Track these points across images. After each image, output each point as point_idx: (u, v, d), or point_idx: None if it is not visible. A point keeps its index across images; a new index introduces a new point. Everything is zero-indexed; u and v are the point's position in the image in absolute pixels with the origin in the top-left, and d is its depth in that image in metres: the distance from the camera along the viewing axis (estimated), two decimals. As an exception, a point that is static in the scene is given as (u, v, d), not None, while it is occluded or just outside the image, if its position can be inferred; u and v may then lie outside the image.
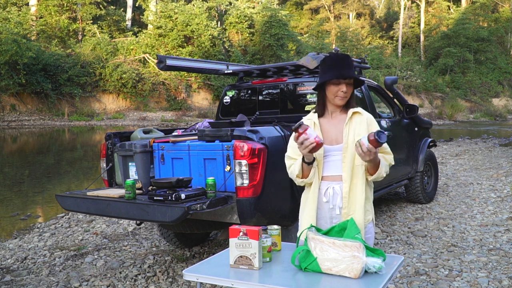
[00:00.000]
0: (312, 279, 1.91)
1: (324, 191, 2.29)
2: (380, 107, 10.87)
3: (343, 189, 2.25)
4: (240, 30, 31.57)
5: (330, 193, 2.28)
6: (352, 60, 2.32)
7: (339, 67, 2.24)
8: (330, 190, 2.28)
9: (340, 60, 2.26)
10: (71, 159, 13.50)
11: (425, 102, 35.53)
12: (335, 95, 2.27)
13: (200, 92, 28.24)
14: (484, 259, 4.05)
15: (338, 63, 2.25)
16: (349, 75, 2.24)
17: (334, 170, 2.28)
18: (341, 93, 2.25)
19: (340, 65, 2.24)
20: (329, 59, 2.30)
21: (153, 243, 4.86)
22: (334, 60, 2.27)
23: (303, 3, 50.91)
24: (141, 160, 3.73)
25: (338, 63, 2.25)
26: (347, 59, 2.28)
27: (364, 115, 2.31)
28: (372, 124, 2.30)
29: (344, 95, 2.26)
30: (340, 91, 2.25)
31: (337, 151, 2.28)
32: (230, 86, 5.20)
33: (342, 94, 2.26)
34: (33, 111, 22.98)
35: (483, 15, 44.47)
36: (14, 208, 7.11)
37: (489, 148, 13.45)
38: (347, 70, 2.24)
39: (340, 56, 2.29)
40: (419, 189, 6.02)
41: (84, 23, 28.31)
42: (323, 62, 2.32)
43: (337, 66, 2.24)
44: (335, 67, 2.24)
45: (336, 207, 2.27)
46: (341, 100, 2.28)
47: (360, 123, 2.28)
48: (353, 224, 2.02)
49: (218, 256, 2.24)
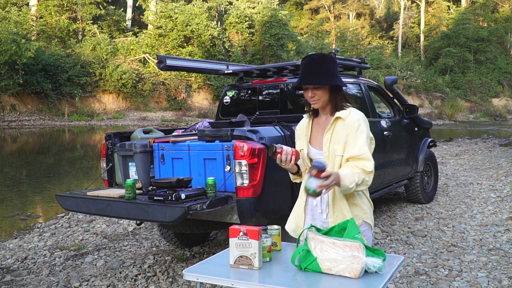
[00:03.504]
0: (312, 279, 1.91)
1: None
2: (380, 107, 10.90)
3: (328, 195, 2.22)
4: (240, 30, 31.57)
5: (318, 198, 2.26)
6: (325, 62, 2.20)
7: (303, 73, 2.21)
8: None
9: (306, 66, 2.21)
10: (71, 159, 13.50)
11: (425, 102, 35.53)
12: (308, 100, 2.25)
13: (200, 92, 28.25)
14: (484, 259, 4.05)
15: (303, 70, 2.21)
16: (307, 82, 2.19)
17: None
18: (308, 98, 2.23)
19: (303, 72, 2.20)
20: (300, 64, 2.27)
21: (153, 243, 4.86)
22: (302, 66, 2.23)
23: (303, 3, 50.91)
24: (141, 160, 3.73)
25: (304, 69, 2.21)
26: (317, 63, 2.19)
27: (347, 120, 2.17)
28: (352, 131, 2.15)
29: (314, 100, 2.22)
30: (307, 97, 2.23)
31: (321, 156, 2.26)
32: (230, 86, 5.20)
33: (309, 99, 2.23)
34: (33, 111, 22.99)
35: (483, 15, 44.47)
36: (14, 208, 7.11)
37: (489, 148, 13.45)
38: (309, 78, 2.18)
39: (308, 61, 2.22)
40: (419, 189, 6.03)
41: (84, 23, 28.32)
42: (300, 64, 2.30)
43: (301, 73, 2.21)
44: (301, 72, 2.22)
45: (323, 212, 2.28)
46: (313, 104, 2.24)
47: (342, 130, 2.18)
48: (353, 224, 2.02)
49: (218, 256, 2.24)
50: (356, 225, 2.02)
